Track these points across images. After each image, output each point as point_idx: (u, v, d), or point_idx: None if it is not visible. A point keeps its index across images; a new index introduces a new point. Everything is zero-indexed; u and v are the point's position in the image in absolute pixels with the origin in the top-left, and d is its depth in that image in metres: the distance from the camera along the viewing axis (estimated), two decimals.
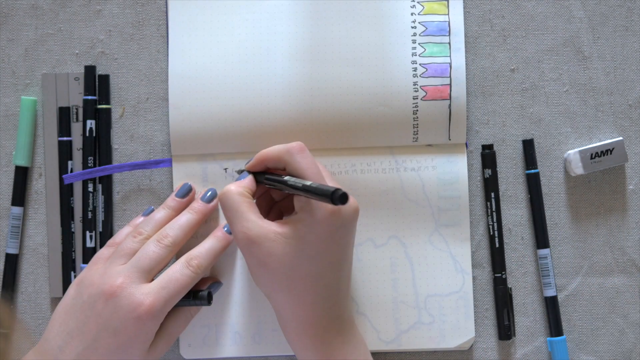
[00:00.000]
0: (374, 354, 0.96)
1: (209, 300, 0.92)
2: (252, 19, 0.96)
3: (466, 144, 0.96)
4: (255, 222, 0.86)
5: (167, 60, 0.96)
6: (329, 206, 0.84)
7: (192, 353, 0.96)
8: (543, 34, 0.98)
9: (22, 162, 0.97)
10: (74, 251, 0.97)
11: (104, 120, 0.97)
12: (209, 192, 0.94)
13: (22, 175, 0.97)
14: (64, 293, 0.93)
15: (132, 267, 0.89)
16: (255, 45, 0.95)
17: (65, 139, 0.97)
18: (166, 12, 0.97)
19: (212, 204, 0.94)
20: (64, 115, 0.97)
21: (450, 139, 0.96)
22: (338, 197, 0.78)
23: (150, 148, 0.97)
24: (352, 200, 0.86)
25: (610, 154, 0.97)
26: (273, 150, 0.88)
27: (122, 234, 0.93)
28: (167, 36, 0.97)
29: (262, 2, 0.96)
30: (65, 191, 0.97)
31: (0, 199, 0.98)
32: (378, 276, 0.96)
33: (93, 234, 0.96)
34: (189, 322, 0.93)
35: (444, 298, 0.96)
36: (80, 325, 0.88)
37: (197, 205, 0.94)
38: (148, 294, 0.87)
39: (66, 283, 0.96)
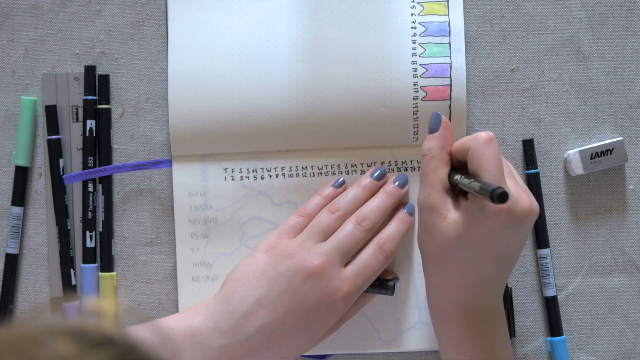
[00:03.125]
0: (373, 354, 0.96)
1: (393, 290, 0.92)
2: (252, 19, 0.96)
3: None
4: (439, 192, 0.85)
5: (167, 60, 0.96)
6: (517, 200, 0.83)
7: None
8: (543, 34, 0.98)
9: (22, 162, 0.97)
10: (72, 249, 0.96)
11: (104, 120, 0.97)
12: (402, 177, 0.94)
13: (22, 175, 0.97)
14: (63, 291, 0.93)
15: (333, 247, 0.89)
16: (255, 45, 0.95)
17: (54, 137, 0.96)
18: (166, 12, 0.97)
19: (405, 189, 0.94)
20: (51, 114, 0.96)
21: None
22: (497, 195, 0.77)
23: (150, 148, 0.97)
24: (525, 202, 0.84)
25: (610, 154, 0.97)
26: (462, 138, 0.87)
27: (312, 204, 0.93)
28: (167, 36, 0.97)
29: (262, 2, 0.96)
30: (60, 190, 0.96)
31: (0, 199, 0.98)
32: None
33: (93, 233, 0.96)
34: (360, 309, 0.93)
35: None
36: (274, 296, 0.87)
37: (391, 189, 0.93)
38: (346, 279, 0.88)
39: (66, 282, 0.96)
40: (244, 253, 0.96)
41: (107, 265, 0.97)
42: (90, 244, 0.96)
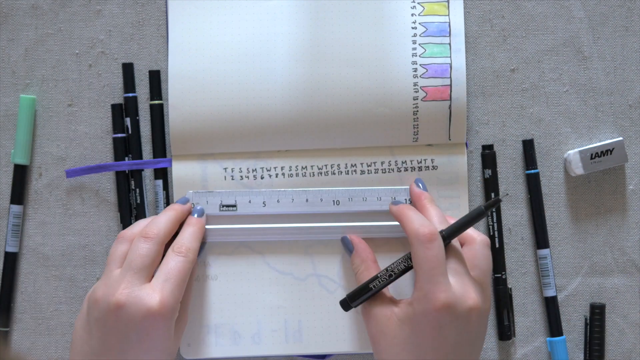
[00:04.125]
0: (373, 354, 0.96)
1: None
2: (252, 19, 0.96)
3: (466, 144, 0.96)
4: (380, 298, 0.88)
5: (167, 60, 0.96)
6: (441, 297, 0.83)
7: (191, 353, 0.96)
8: (543, 34, 0.98)
9: (20, 161, 0.97)
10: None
11: (157, 115, 0.97)
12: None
13: (20, 174, 0.97)
14: None
15: (127, 270, 0.87)
16: (255, 45, 0.95)
17: (119, 135, 0.97)
18: (166, 12, 0.97)
19: (187, 205, 0.94)
20: (117, 112, 0.97)
21: (450, 139, 0.96)
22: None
23: (150, 148, 0.97)
24: (470, 298, 0.85)
25: (610, 154, 0.97)
26: (408, 222, 0.88)
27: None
28: (167, 36, 0.97)
29: (262, 2, 0.96)
30: (124, 188, 0.97)
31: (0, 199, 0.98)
32: None
33: None
34: (192, 287, 0.93)
35: None
36: (102, 343, 0.86)
37: (172, 205, 0.93)
38: (153, 292, 0.86)
39: None
40: (244, 253, 0.96)
41: None
42: None
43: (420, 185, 0.94)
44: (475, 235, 0.90)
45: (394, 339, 0.86)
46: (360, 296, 0.89)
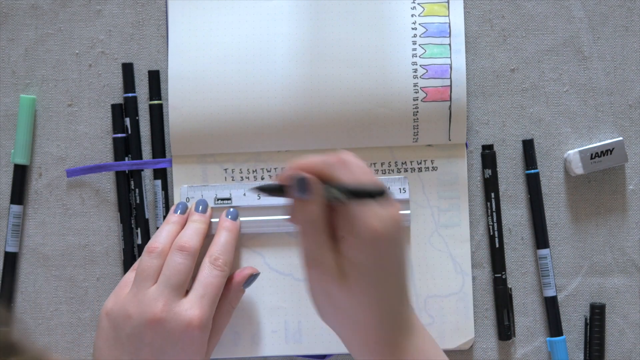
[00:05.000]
0: None
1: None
2: (252, 19, 0.96)
3: (466, 144, 0.96)
4: (315, 249, 0.81)
5: (167, 60, 0.96)
6: (370, 222, 0.79)
7: None
8: (543, 34, 0.98)
9: (20, 161, 0.97)
10: (125, 247, 0.97)
11: (156, 115, 0.97)
12: (200, 206, 0.94)
13: (20, 174, 0.97)
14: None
15: (165, 286, 0.88)
16: (255, 46, 0.95)
17: (119, 135, 0.97)
18: (166, 12, 0.97)
19: (208, 213, 0.94)
20: (117, 112, 0.97)
21: (450, 139, 0.96)
22: (378, 192, 0.76)
23: (150, 148, 0.97)
24: (390, 208, 0.80)
25: (610, 154, 0.97)
26: (310, 163, 0.82)
27: (162, 237, 0.92)
28: (167, 36, 0.97)
29: (262, 2, 0.96)
30: (124, 189, 0.97)
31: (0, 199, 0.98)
32: None
33: (138, 230, 0.97)
34: (231, 314, 0.93)
35: (444, 299, 0.96)
36: (135, 357, 0.87)
37: (197, 217, 0.93)
38: (192, 307, 0.87)
39: None
40: (244, 253, 0.96)
41: None
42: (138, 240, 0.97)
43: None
44: None
45: (340, 285, 0.81)
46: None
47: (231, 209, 0.94)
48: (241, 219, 0.95)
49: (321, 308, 0.84)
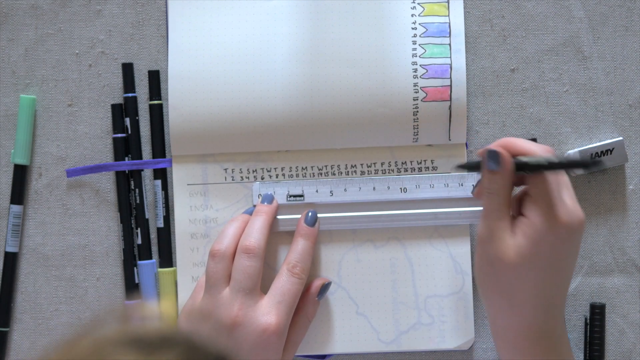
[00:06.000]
0: (373, 354, 0.96)
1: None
2: (252, 19, 0.96)
3: (466, 144, 0.96)
4: (494, 221, 0.84)
5: (167, 60, 0.96)
6: (563, 215, 0.82)
7: None
8: (543, 34, 0.98)
9: (20, 161, 0.97)
10: (126, 248, 0.97)
11: (156, 116, 0.97)
12: (266, 199, 0.94)
13: (20, 174, 0.97)
14: (127, 290, 0.96)
15: (237, 290, 0.88)
16: (255, 46, 0.95)
17: (119, 135, 0.97)
18: (166, 12, 0.97)
19: (274, 204, 0.94)
20: (117, 112, 0.97)
21: (450, 140, 0.96)
22: (591, 163, 0.80)
23: (150, 148, 0.97)
24: (581, 213, 0.84)
25: (610, 154, 0.96)
26: (518, 143, 0.85)
27: (225, 241, 0.92)
28: (167, 36, 0.97)
29: (262, 2, 0.96)
30: (125, 188, 0.97)
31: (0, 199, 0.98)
32: (378, 277, 0.96)
33: (138, 230, 0.97)
34: (308, 327, 0.93)
35: (444, 299, 0.96)
36: None
37: (262, 208, 0.93)
38: (269, 313, 0.88)
39: (129, 281, 0.97)
40: None
41: (166, 261, 0.97)
42: (138, 240, 0.97)
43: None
44: None
45: (513, 263, 0.83)
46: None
47: (309, 213, 0.94)
48: (323, 215, 0.95)
49: (483, 283, 0.86)
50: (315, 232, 0.94)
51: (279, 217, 0.94)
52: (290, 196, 0.95)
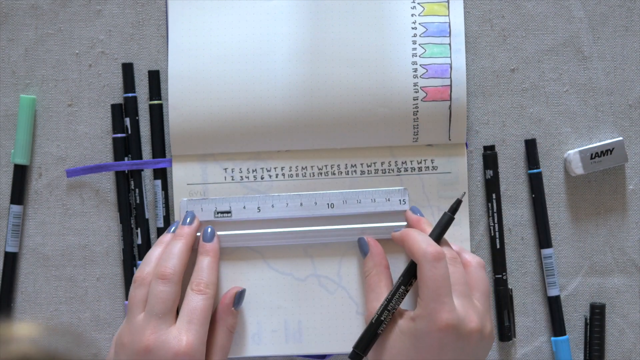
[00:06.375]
0: None
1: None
2: (252, 19, 0.96)
3: (466, 144, 0.96)
4: (372, 302, 0.91)
5: (167, 60, 0.96)
6: (445, 317, 0.85)
7: None
8: (543, 34, 0.98)
9: (20, 161, 0.97)
10: (126, 248, 0.97)
11: (156, 115, 0.97)
12: (188, 217, 0.94)
13: (20, 174, 0.97)
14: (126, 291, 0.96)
15: (150, 315, 0.88)
16: (255, 46, 0.95)
17: (119, 135, 0.97)
18: (166, 12, 0.97)
19: (194, 225, 0.94)
20: (117, 112, 0.97)
21: (450, 140, 0.96)
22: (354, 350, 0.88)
23: (150, 148, 0.97)
24: (472, 322, 0.86)
25: (610, 154, 0.97)
26: (413, 241, 0.89)
27: (145, 266, 0.93)
28: (167, 36, 0.97)
29: (262, 2, 0.96)
30: (124, 189, 0.97)
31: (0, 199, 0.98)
32: None
33: (138, 230, 0.97)
34: (232, 337, 0.94)
35: None
36: None
37: (182, 231, 0.93)
38: (179, 334, 0.88)
39: (129, 283, 0.96)
40: (244, 253, 0.96)
41: None
42: (138, 241, 0.97)
43: (416, 212, 0.95)
44: (470, 258, 0.91)
45: (393, 349, 0.87)
46: (369, 344, 0.89)
47: (209, 229, 0.94)
48: (241, 232, 0.95)
49: None
50: (215, 247, 0.93)
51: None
52: (218, 213, 0.95)
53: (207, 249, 0.93)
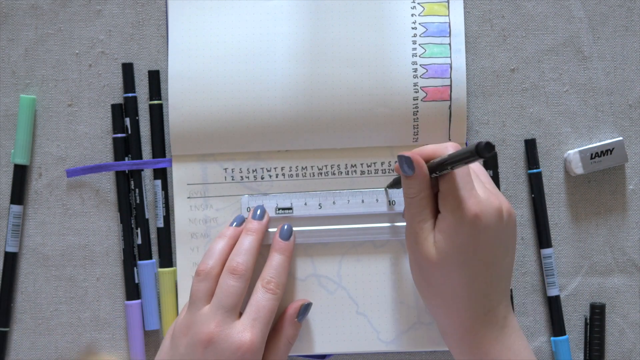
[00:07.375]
0: (373, 354, 0.96)
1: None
2: (252, 19, 0.96)
3: (466, 144, 0.96)
4: (416, 223, 0.87)
5: (167, 60, 0.96)
6: (472, 207, 0.83)
7: None
8: (543, 34, 0.98)
9: (20, 161, 0.97)
10: (126, 248, 0.97)
11: (156, 115, 0.97)
12: (259, 210, 0.94)
13: (20, 174, 0.97)
14: (127, 290, 0.96)
15: (217, 308, 0.88)
16: (255, 45, 0.95)
17: (119, 135, 0.97)
18: (166, 12, 0.97)
19: (265, 220, 0.94)
20: (117, 112, 0.97)
21: (450, 139, 0.96)
22: (482, 147, 0.75)
23: (150, 148, 0.97)
24: (494, 202, 0.85)
25: (610, 154, 0.97)
26: (429, 148, 0.87)
27: (213, 258, 0.92)
28: (167, 36, 0.97)
29: (262, 2, 0.96)
30: (124, 189, 0.97)
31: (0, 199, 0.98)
32: (378, 276, 0.96)
33: (139, 230, 0.97)
34: (289, 349, 0.93)
35: None
36: None
37: (253, 226, 0.93)
38: (244, 330, 0.88)
39: (129, 281, 0.97)
40: None
41: (166, 261, 0.97)
42: (138, 240, 0.97)
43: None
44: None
45: (435, 262, 0.85)
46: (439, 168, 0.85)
47: (285, 227, 0.94)
48: (303, 228, 0.95)
49: (419, 286, 0.89)
50: (291, 246, 0.94)
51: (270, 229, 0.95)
52: (279, 209, 0.95)
53: (283, 246, 0.93)
